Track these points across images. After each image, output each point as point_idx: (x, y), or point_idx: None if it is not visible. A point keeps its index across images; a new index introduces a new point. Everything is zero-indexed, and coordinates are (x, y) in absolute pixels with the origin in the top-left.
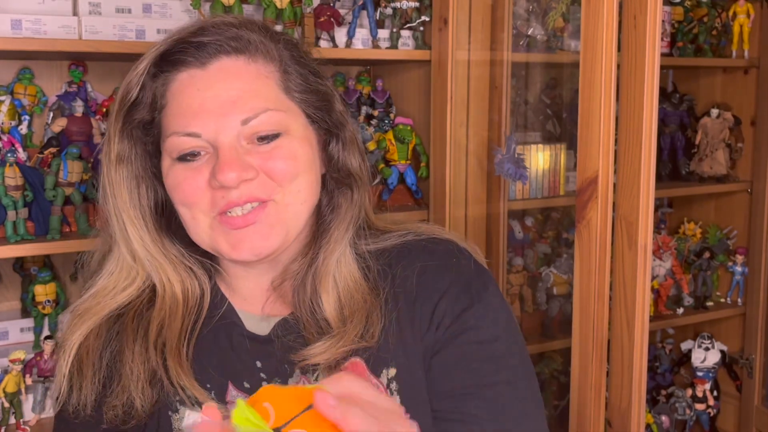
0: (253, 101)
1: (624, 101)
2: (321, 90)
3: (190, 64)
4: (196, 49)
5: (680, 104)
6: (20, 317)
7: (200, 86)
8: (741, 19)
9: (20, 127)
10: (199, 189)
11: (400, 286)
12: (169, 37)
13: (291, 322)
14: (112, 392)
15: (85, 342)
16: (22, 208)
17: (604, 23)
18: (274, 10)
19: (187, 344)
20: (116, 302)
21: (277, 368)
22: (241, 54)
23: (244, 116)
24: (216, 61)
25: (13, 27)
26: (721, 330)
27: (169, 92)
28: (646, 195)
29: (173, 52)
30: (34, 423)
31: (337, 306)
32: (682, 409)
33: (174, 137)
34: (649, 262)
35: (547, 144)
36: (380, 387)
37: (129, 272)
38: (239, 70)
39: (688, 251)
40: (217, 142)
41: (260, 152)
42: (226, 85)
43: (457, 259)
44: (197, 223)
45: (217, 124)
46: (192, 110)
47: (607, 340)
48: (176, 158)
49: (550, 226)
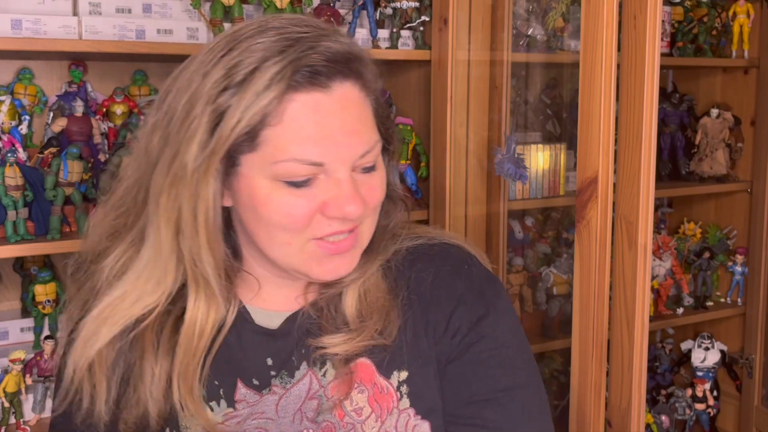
0: (369, 132)
1: (624, 101)
2: (389, 113)
3: (311, 88)
4: (318, 69)
5: (680, 104)
6: (20, 317)
7: (325, 113)
8: (741, 19)
9: (20, 127)
10: (308, 216)
11: (414, 290)
12: (288, 55)
13: (303, 315)
14: (128, 407)
15: (98, 353)
16: (22, 208)
17: (604, 23)
18: (274, 10)
19: (202, 366)
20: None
21: (285, 361)
22: (357, 79)
23: (364, 148)
24: (339, 85)
25: (13, 27)
26: (720, 330)
27: (287, 112)
28: (646, 195)
29: (294, 72)
30: (34, 423)
31: (356, 302)
32: (682, 408)
33: (294, 164)
34: (649, 262)
35: (547, 144)
36: (389, 390)
37: (158, 285)
38: (356, 96)
39: (688, 251)
40: (337, 173)
41: (364, 183)
42: (348, 114)
43: (469, 266)
44: (289, 245)
45: (340, 154)
46: (317, 138)
47: (607, 340)
48: (285, 181)
49: (550, 226)
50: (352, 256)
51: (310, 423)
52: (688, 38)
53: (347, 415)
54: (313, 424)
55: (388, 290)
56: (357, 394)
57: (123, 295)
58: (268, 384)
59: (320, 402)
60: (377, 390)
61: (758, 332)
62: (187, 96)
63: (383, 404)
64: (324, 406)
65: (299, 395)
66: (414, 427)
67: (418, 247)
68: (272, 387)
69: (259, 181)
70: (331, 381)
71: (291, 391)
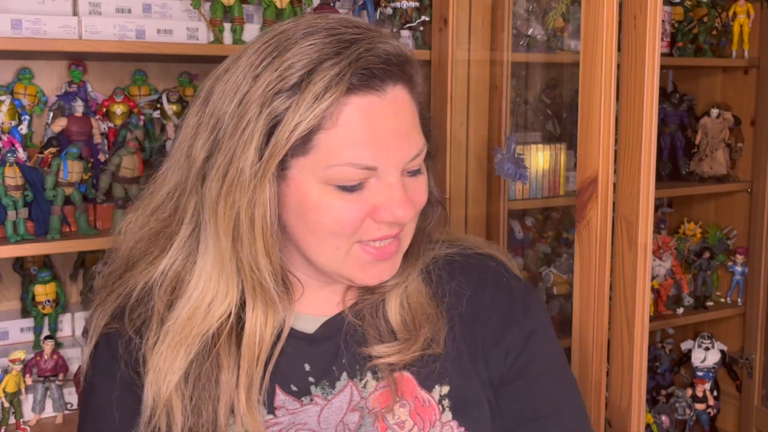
0: (418, 136)
1: (624, 101)
2: (428, 114)
3: (367, 90)
4: (380, 72)
5: (680, 104)
6: (20, 317)
7: (379, 117)
8: (741, 19)
9: (20, 127)
10: (359, 220)
11: (455, 302)
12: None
13: (343, 317)
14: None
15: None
16: (22, 208)
17: (604, 23)
18: (274, 10)
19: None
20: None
21: (325, 369)
22: (407, 82)
23: (413, 152)
24: (392, 89)
25: (13, 27)
26: (721, 330)
27: (342, 115)
28: (646, 195)
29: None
30: (34, 423)
31: (401, 311)
32: (682, 409)
33: (348, 168)
34: (649, 262)
35: (547, 144)
36: (431, 403)
37: (225, 297)
38: (406, 99)
39: (688, 251)
40: (388, 177)
41: (411, 187)
42: (401, 117)
43: (507, 278)
44: (337, 250)
45: (391, 158)
46: (371, 142)
47: (607, 340)
48: (338, 186)
49: (550, 226)
50: (395, 260)
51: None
52: (688, 38)
53: (389, 428)
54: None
55: (431, 296)
56: (399, 408)
57: (192, 314)
58: (307, 391)
59: (362, 414)
60: (419, 403)
61: (758, 332)
62: (237, 99)
63: (425, 417)
64: (366, 419)
65: (341, 407)
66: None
67: (454, 256)
68: (313, 397)
69: (310, 185)
70: (372, 392)
71: (332, 403)
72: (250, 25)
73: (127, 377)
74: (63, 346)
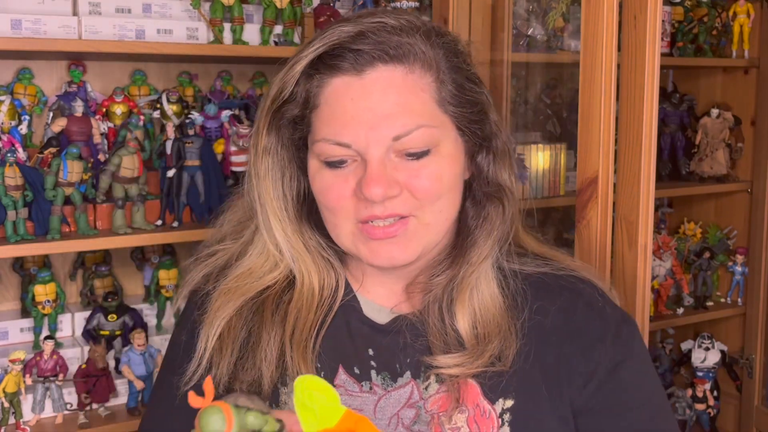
0: (407, 117)
1: (624, 101)
2: (477, 100)
3: (346, 71)
4: (355, 55)
5: (680, 104)
6: (20, 317)
7: (355, 96)
8: (741, 19)
9: (20, 127)
10: (344, 197)
11: (538, 320)
12: (328, 38)
13: (412, 321)
14: (245, 369)
15: (228, 321)
16: (21, 207)
17: (604, 23)
18: (274, 10)
19: (315, 337)
20: (261, 285)
21: (388, 362)
22: (399, 63)
23: (396, 132)
24: (373, 69)
25: (13, 27)
26: (721, 330)
27: (323, 95)
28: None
29: (331, 55)
30: (33, 423)
31: (471, 320)
32: (682, 409)
33: (323, 143)
34: (649, 262)
35: (547, 144)
36: (491, 415)
37: (272, 258)
38: (395, 81)
39: (688, 251)
40: (366, 155)
41: (408, 168)
42: (382, 97)
43: (603, 304)
44: (340, 227)
45: (368, 137)
46: (344, 120)
47: None
48: (324, 162)
49: (550, 226)
50: (404, 244)
51: (405, 430)
52: (688, 38)
53: (443, 430)
54: (408, 430)
55: (506, 309)
56: (457, 414)
57: (248, 271)
58: (368, 376)
59: (419, 412)
60: (479, 412)
61: (758, 332)
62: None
63: (483, 427)
64: (422, 417)
65: (399, 400)
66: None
67: (544, 275)
68: (372, 385)
69: (312, 162)
70: (432, 395)
71: (391, 395)
72: (250, 25)
73: (198, 322)
74: (63, 346)
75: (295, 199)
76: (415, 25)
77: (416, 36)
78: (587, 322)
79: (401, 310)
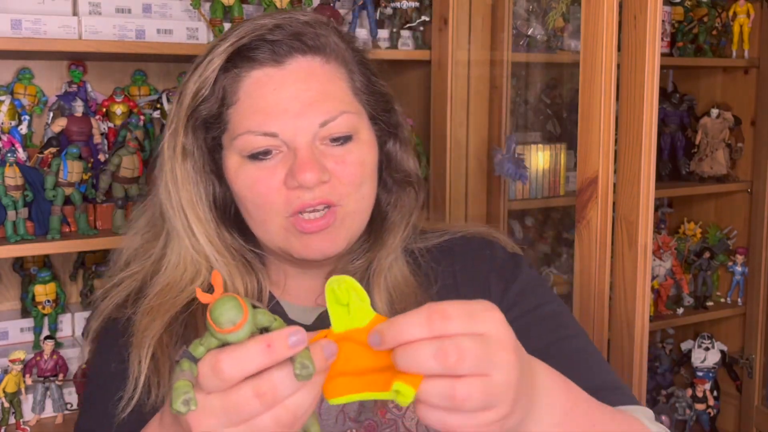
0: (330, 103)
1: (624, 101)
2: (383, 91)
3: (265, 62)
4: (273, 46)
5: (680, 104)
6: (20, 317)
7: (276, 86)
8: (741, 19)
9: (20, 127)
10: (273, 189)
11: (444, 285)
12: (243, 32)
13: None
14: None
15: (158, 340)
16: (22, 208)
17: (604, 23)
18: (274, 10)
19: None
20: (185, 296)
21: None
22: (317, 54)
23: (322, 118)
24: (292, 60)
25: (13, 27)
26: (721, 330)
27: (242, 89)
28: (646, 195)
29: (248, 48)
30: (33, 423)
31: (387, 301)
32: (682, 409)
33: (249, 136)
34: (649, 262)
35: (547, 144)
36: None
37: (193, 266)
38: (315, 70)
39: (688, 251)
40: (294, 143)
41: (333, 155)
42: (304, 85)
43: (490, 250)
44: (269, 223)
45: (296, 124)
46: (269, 110)
47: (607, 340)
48: (247, 156)
49: (550, 226)
50: (334, 235)
51: (352, 423)
52: (688, 38)
53: (389, 411)
54: (356, 423)
55: (418, 285)
56: None
57: (168, 286)
58: None
59: (362, 402)
60: None
61: (758, 332)
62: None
63: None
64: (366, 405)
65: None
66: None
67: (445, 242)
68: None
69: (231, 160)
70: None
71: None
72: None
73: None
74: (63, 346)
75: (212, 203)
76: (323, 20)
77: (327, 29)
78: (481, 265)
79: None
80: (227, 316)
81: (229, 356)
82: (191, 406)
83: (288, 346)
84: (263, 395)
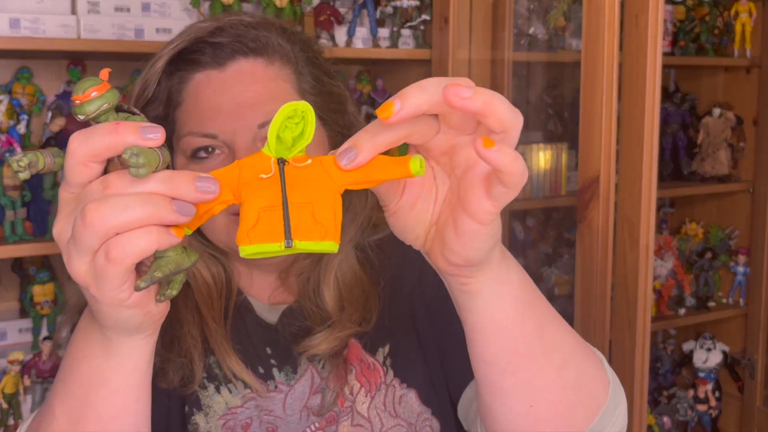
0: (271, 104)
1: (626, 101)
2: (334, 92)
3: (207, 65)
4: (214, 49)
5: (682, 104)
6: (18, 318)
7: (217, 87)
8: (743, 18)
9: (18, 127)
10: None
11: (391, 276)
12: (186, 35)
13: (296, 311)
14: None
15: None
16: (20, 208)
17: (605, 22)
18: (274, 9)
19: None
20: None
21: (286, 356)
22: (259, 56)
23: (261, 119)
24: (233, 62)
25: (12, 26)
26: (722, 330)
27: (185, 91)
28: (647, 195)
29: (191, 51)
30: None
31: (337, 298)
32: (684, 410)
33: (189, 137)
34: (650, 263)
35: (548, 143)
36: (375, 365)
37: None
38: (256, 72)
39: (690, 251)
40: (234, 144)
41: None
42: (243, 87)
43: None
44: (213, 223)
45: (234, 126)
46: (208, 111)
47: (609, 340)
48: (190, 156)
49: (551, 226)
50: None
51: (316, 418)
52: (690, 37)
53: (346, 399)
54: (319, 417)
55: (368, 280)
56: (351, 378)
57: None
58: (271, 375)
59: (323, 395)
60: (364, 366)
61: (760, 333)
62: None
63: (371, 380)
64: (328, 399)
65: (303, 392)
66: (401, 397)
67: (390, 235)
68: (277, 383)
69: (178, 160)
70: (331, 371)
71: (295, 388)
72: None
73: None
74: (61, 347)
75: None
76: (270, 22)
77: (273, 31)
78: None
79: (282, 299)
80: (82, 86)
81: (80, 132)
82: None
83: (136, 130)
84: (104, 181)
